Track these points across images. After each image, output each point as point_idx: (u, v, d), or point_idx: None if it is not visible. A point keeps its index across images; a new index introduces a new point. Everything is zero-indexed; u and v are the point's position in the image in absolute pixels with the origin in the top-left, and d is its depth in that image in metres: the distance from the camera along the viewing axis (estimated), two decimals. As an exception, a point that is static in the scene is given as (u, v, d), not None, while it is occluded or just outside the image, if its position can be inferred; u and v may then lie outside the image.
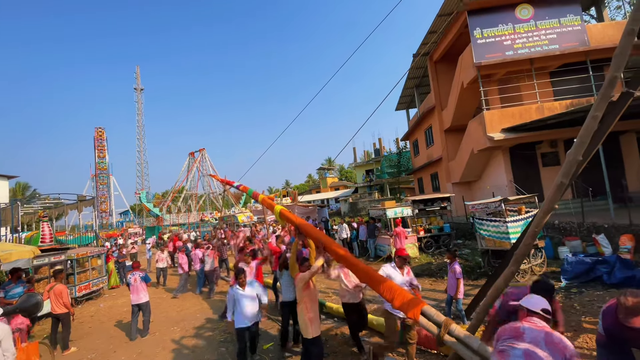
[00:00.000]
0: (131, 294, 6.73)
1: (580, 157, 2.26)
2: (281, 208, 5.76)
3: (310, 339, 4.06)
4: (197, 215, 44.78)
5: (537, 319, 2.20)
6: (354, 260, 4.12)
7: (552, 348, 2.02)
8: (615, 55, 2.12)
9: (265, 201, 6.63)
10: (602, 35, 12.75)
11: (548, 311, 2.21)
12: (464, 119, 15.25)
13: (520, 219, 8.05)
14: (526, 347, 2.08)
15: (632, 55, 12.48)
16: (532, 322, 2.20)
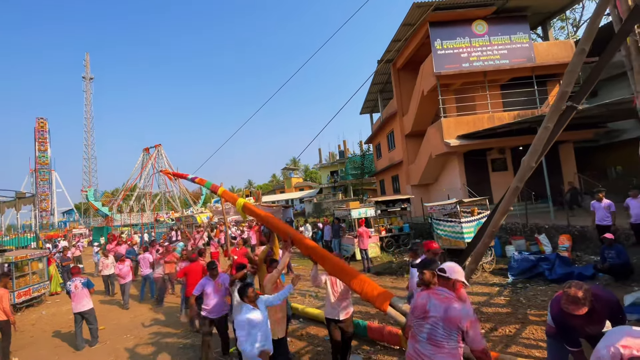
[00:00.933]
0: (72, 301, 6.17)
1: (533, 163, 2.49)
2: (245, 201, 5.57)
3: (277, 340, 4.02)
4: (152, 215, 42.27)
5: (444, 290, 2.32)
6: (323, 251, 4.11)
7: (448, 324, 2.18)
8: (566, 72, 2.36)
9: (226, 194, 6.33)
10: (547, 52, 14.11)
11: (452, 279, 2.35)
12: (424, 125, 16.03)
13: (473, 219, 8.64)
14: (427, 327, 2.26)
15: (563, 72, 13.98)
16: (437, 294, 2.31)
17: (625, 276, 6.08)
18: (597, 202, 7.18)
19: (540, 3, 14.04)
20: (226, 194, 6.33)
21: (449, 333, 2.18)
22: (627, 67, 4.53)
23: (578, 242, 8.34)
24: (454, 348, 2.19)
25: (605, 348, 1.85)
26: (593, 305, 2.33)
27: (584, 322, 2.41)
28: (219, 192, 6.51)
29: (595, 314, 2.37)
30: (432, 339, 2.23)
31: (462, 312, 2.17)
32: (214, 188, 6.92)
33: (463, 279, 2.33)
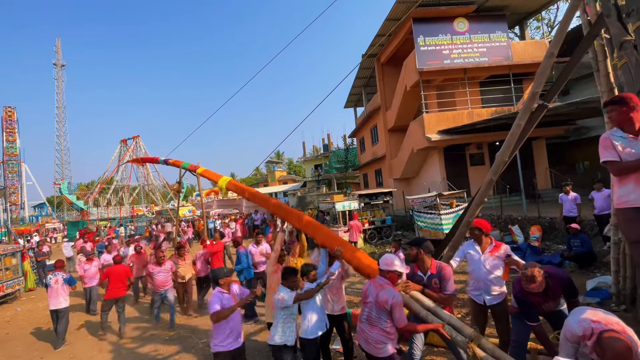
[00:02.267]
0: (49, 297, 5.79)
1: (506, 158, 2.70)
2: (228, 179, 5.51)
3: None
4: (130, 209, 41.11)
5: (382, 279, 2.76)
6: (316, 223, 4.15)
7: (379, 306, 2.61)
8: (537, 74, 2.57)
9: (206, 173, 6.24)
10: (524, 52, 14.66)
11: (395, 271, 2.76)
12: (406, 120, 16.36)
13: (452, 211, 9.02)
14: (366, 310, 2.73)
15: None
16: (375, 282, 2.76)
17: (588, 263, 6.56)
18: (564, 194, 7.66)
19: (518, 3, 14.53)
20: (207, 173, 6.26)
21: (379, 314, 2.62)
22: (593, 69, 4.88)
23: (547, 233, 8.88)
24: (385, 327, 2.63)
25: (576, 322, 1.98)
26: (548, 283, 2.61)
27: (542, 299, 2.68)
28: (199, 171, 6.43)
29: (550, 291, 2.65)
30: (369, 319, 2.70)
31: (388, 296, 2.57)
32: (192, 167, 6.80)
33: (396, 269, 2.75)
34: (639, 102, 2.26)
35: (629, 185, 2.26)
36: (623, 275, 4.58)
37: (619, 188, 2.34)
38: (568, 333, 2.04)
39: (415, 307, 2.89)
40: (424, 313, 2.84)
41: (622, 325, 1.87)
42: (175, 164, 7.39)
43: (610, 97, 2.38)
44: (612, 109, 2.34)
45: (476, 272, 3.37)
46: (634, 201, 2.24)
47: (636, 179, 2.22)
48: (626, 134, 2.30)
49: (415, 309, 2.88)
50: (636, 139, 2.25)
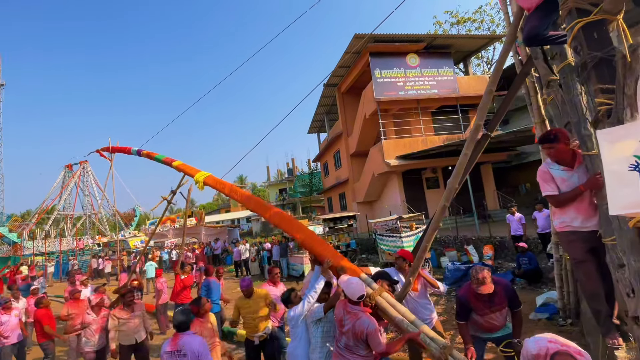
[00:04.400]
0: None
1: (457, 185, 2.87)
2: (208, 175, 5.15)
3: None
4: (73, 241, 37.22)
5: (355, 306, 2.76)
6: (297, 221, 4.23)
7: (355, 337, 2.66)
8: (479, 108, 2.82)
9: (183, 167, 5.88)
10: (468, 85, 16.19)
11: (362, 296, 2.77)
12: (367, 145, 17.03)
13: (412, 234, 9.32)
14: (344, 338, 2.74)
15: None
16: (349, 310, 2.76)
17: (537, 280, 7.03)
18: (511, 215, 8.28)
19: (460, 43, 16.22)
20: (183, 166, 5.92)
21: (356, 343, 2.67)
22: (527, 102, 5.48)
23: (499, 251, 9.45)
24: (362, 354, 2.68)
25: (533, 342, 2.08)
26: (495, 289, 2.78)
27: (486, 305, 2.84)
28: (175, 165, 6.07)
29: (496, 297, 2.81)
30: (347, 347, 2.73)
31: (363, 327, 2.61)
32: (167, 160, 6.39)
33: (364, 294, 2.78)
34: (568, 136, 2.54)
35: (570, 213, 2.47)
36: (567, 291, 4.92)
37: (560, 215, 2.56)
38: (525, 352, 2.13)
39: (391, 312, 2.90)
40: (399, 318, 2.85)
41: (578, 349, 1.97)
42: (149, 156, 6.81)
43: (543, 134, 2.65)
44: (549, 147, 2.55)
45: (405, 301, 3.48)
46: (579, 227, 2.44)
47: (576, 208, 2.44)
48: (562, 166, 2.52)
49: (391, 313, 2.89)
50: (572, 170, 2.48)
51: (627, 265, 2.04)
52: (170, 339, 2.99)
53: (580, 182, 2.40)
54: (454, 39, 16.55)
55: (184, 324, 3.02)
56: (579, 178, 2.44)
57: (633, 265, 1.99)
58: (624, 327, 2.63)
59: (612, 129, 1.77)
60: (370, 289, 3.02)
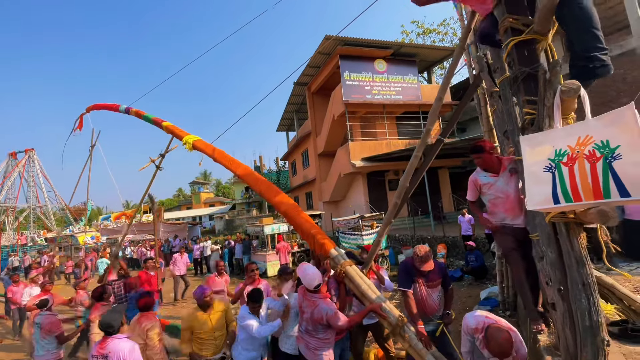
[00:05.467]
0: None
1: (407, 183, 3.08)
2: (197, 138, 5.10)
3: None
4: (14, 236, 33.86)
5: (313, 294, 2.92)
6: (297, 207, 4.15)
7: (314, 322, 2.85)
8: (429, 113, 3.06)
9: (172, 128, 5.76)
10: (430, 93, 17.01)
11: (319, 285, 2.95)
12: (334, 146, 17.30)
13: (372, 232, 9.64)
14: (304, 323, 2.94)
15: (446, 112, 17.13)
16: (309, 299, 2.93)
17: (482, 276, 7.60)
18: (462, 216, 8.88)
19: (425, 52, 17.02)
20: (172, 127, 5.79)
21: (315, 327, 2.86)
22: (477, 113, 5.93)
23: (451, 250, 10.08)
24: (322, 336, 2.88)
25: (472, 317, 2.42)
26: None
27: (424, 279, 3.16)
28: (164, 125, 5.94)
29: (432, 273, 3.15)
30: (307, 331, 2.93)
31: (322, 313, 2.79)
32: (156, 120, 6.23)
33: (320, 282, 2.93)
34: (493, 146, 2.90)
35: (500, 214, 2.87)
36: (506, 285, 5.40)
37: (492, 216, 2.94)
38: (465, 327, 2.47)
39: (358, 281, 3.05)
40: (365, 287, 3.02)
41: (509, 325, 2.28)
42: (137, 114, 6.52)
43: (471, 146, 2.99)
44: (478, 157, 2.92)
45: None
46: (508, 224, 2.82)
47: (505, 210, 2.82)
48: (489, 173, 2.90)
49: (358, 282, 3.05)
50: (497, 176, 2.85)
51: (545, 256, 2.33)
52: (98, 343, 2.71)
53: (504, 186, 2.78)
54: (420, 49, 17.32)
55: (111, 327, 2.66)
56: (503, 182, 2.80)
57: (550, 256, 2.27)
58: (547, 315, 2.99)
59: (533, 135, 2.02)
60: (342, 259, 3.22)
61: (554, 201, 1.76)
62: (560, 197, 1.73)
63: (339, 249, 3.38)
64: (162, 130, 6.10)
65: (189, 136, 5.26)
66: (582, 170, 1.64)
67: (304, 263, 3.14)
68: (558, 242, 2.11)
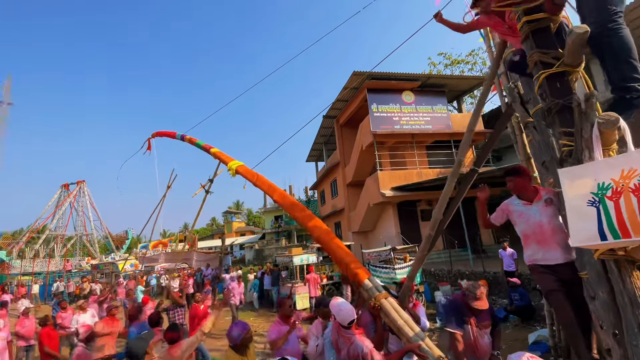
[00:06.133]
0: None
1: (441, 215, 3.02)
2: (240, 164, 5.35)
3: None
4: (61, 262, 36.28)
5: (347, 331, 2.78)
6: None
7: (352, 358, 2.69)
8: (461, 145, 3.05)
9: (219, 154, 6.20)
10: (461, 122, 16.81)
11: (352, 321, 2.79)
12: (363, 175, 17.32)
13: (405, 265, 9.28)
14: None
15: (479, 140, 16.73)
16: (343, 335, 2.79)
17: (529, 317, 6.96)
18: (502, 250, 8.35)
19: (454, 83, 17.08)
20: (219, 154, 6.24)
21: None
22: (513, 141, 5.77)
23: (492, 287, 9.37)
24: None
25: (516, 356, 2.22)
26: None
27: (477, 318, 2.96)
28: (212, 151, 6.44)
29: (483, 313, 2.97)
30: None
31: (358, 350, 2.66)
32: (206, 147, 6.81)
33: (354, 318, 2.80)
34: (530, 173, 2.79)
35: (532, 246, 2.67)
36: (557, 328, 4.91)
37: (525, 249, 2.76)
38: None
39: (394, 316, 2.84)
40: (401, 322, 2.80)
41: None
42: (191, 141, 7.32)
43: (506, 169, 2.89)
44: (510, 180, 2.82)
45: None
46: (541, 259, 2.61)
47: (537, 242, 2.63)
48: (522, 201, 2.76)
49: (394, 317, 2.84)
50: (530, 205, 2.70)
51: (597, 297, 2.14)
52: None
53: (536, 216, 2.62)
54: (448, 79, 17.44)
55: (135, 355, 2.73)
56: (536, 212, 2.64)
57: (601, 297, 2.09)
58: (602, 362, 2.68)
59: (572, 167, 1.95)
60: (377, 292, 3.03)
61: (601, 237, 1.67)
62: (607, 234, 1.64)
63: (373, 280, 3.21)
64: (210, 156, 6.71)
65: (233, 162, 5.56)
66: (628, 204, 1.56)
67: (337, 298, 3.02)
68: (609, 281, 1.95)
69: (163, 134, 9.14)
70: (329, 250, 3.60)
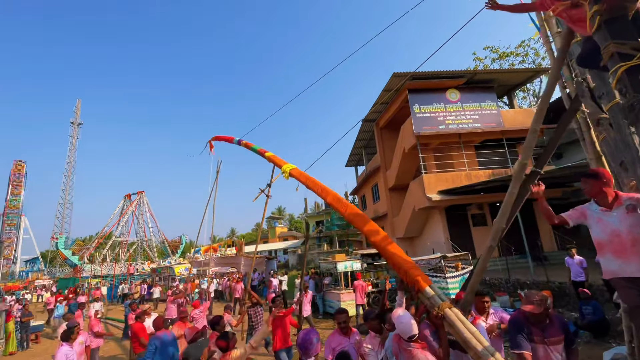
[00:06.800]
0: None
1: (504, 224, 2.81)
2: (291, 167, 5.48)
3: None
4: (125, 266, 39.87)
5: (409, 344, 2.64)
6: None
7: None
8: (524, 147, 2.83)
9: (273, 158, 6.43)
10: (513, 119, 15.66)
11: (413, 336, 2.64)
12: (406, 179, 16.81)
13: (458, 274, 8.79)
14: None
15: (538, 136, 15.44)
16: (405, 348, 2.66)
17: (603, 332, 6.21)
18: (570, 258, 7.55)
19: (504, 77, 15.97)
20: (273, 157, 6.46)
21: None
22: (579, 138, 5.23)
23: (558, 298, 8.52)
24: None
25: None
26: (550, 318, 2.67)
27: (541, 332, 2.66)
28: (267, 155, 6.70)
29: (551, 328, 2.67)
30: None
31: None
32: (261, 151, 7.15)
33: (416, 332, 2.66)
34: (611, 177, 2.48)
35: (608, 256, 2.39)
36: (637, 346, 4.33)
37: (600, 259, 2.47)
38: None
39: (460, 328, 2.66)
40: (468, 334, 2.62)
41: None
42: (247, 145, 7.72)
43: (586, 171, 2.61)
44: (586, 182, 2.56)
45: None
46: (617, 271, 2.33)
47: (613, 252, 2.36)
48: (600, 207, 2.49)
49: (458, 328, 2.66)
50: (609, 211, 2.42)
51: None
52: None
53: (615, 223, 2.35)
54: (497, 74, 16.36)
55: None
56: (615, 219, 2.38)
57: None
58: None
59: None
60: (440, 300, 2.87)
61: None
62: None
63: (435, 287, 3.01)
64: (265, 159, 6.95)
65: (286, 165, 5.71)
66: None
67: (400, 309, 2.90)
68: None
69: (222, 139, 9.64)
70: (386, 256, 3.43)
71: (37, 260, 50.27)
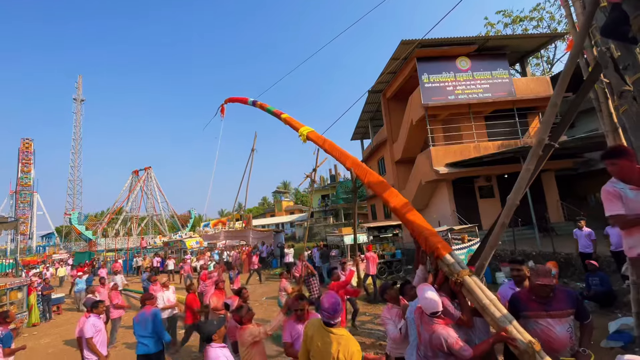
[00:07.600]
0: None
1: (517, 201, 2.78)
2: (309, 130, 5.40)
3: None
4: (138, 240, 41.14)
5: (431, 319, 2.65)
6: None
7: (434, 348, 2.58)
8: (542, 121, 2.72)
9: (289, 120, 6.33)
10: (526, 87, 15.09)
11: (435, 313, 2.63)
12: (413, 152, 16.60)
13: (464, 246, 8.90)
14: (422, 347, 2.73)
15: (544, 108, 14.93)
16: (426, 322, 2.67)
17: (609, 303, 6.32)
18: (578, 230, 7.55)
19: (517, 43, 15.19)
20: (290, 119, 6.37)
21: (435, 354, 2.62)
22: (596, 109, 5.03)
23: (564, 269, 8.62)
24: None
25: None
26: (555, 292, 2.57)
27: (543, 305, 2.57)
28: (283, 117, 6.60)
29: (554, 300, 2.57)
30: (427, 356, 2.70)
31: (442, 340, 2.52)
32: (277, 112, 7.02)
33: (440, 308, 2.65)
34: (633, 152, 2.34)
35: (637, 236, 2.28)
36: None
37: (628, 238, 2.36)
38: None
39: (477, 294, 2.67)
40: (487, 301, 2.62)
41: None
42: (262, 106, 7.60)
43: (606, 150, 2.46)
44: (611, 163, 2.38)
45: None
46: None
47: None
48: (628, 185, 2.32)
49: (477, 295, 2.68)
50: (637, 190, 2.27)
51: None
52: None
53: None
54: (510, 39, 15.56)
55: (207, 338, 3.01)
56: None
57: None
58: None
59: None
60: (460, 267, 2.86)
61: None
62: None
63: (455, 255, 2.96)
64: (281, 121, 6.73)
65: (303, 128, 5.52)
66: None
67: (425, 284, 2.85)
68: None
69: (235, 100, 9.24)
70: (406, 222, 3.41)
71: (53, 235, 52.05)
